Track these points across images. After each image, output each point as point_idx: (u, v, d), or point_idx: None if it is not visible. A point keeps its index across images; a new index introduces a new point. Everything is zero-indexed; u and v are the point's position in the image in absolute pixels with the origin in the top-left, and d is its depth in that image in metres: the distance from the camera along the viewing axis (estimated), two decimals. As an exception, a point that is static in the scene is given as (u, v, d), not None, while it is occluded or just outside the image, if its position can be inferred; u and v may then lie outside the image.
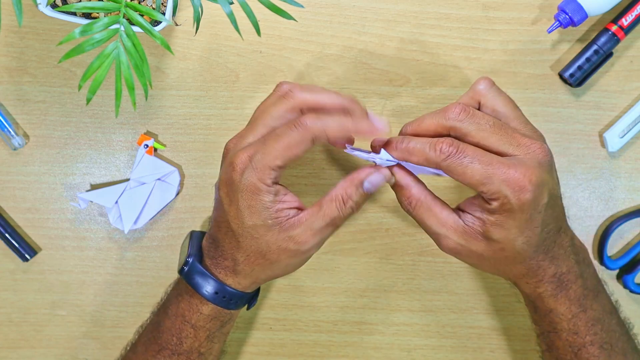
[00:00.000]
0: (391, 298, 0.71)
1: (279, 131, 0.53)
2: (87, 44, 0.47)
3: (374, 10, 0.69)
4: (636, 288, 0.69)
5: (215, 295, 0.57)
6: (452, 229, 0.54)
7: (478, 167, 0.51)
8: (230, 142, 0.58)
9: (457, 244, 0.55)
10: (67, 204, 0.70)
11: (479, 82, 0.56)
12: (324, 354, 0.71)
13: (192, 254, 0.58)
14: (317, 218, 0.54)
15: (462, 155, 0.51)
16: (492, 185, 0.51)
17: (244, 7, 0.48)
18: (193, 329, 0.59)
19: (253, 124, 0.57)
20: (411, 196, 0.55)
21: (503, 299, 0.71)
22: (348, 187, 0.55)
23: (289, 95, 0.56)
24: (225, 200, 0.55)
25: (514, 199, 0.51)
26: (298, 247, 0.55)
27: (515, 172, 0.51)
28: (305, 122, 0.52)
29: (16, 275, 0.70)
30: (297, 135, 0.52)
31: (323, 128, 0.52)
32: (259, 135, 0.55)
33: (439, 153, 0.52)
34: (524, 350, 0.71)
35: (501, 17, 0.69)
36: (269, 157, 0.52)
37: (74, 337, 0.71)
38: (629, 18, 0.67)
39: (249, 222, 0.54)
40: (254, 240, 0.55)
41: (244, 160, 0.53)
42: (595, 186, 0.70)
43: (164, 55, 0.69)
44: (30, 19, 0.69)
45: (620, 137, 0.69)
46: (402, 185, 0.56)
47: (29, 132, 0.70)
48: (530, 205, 0.51)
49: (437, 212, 0.55)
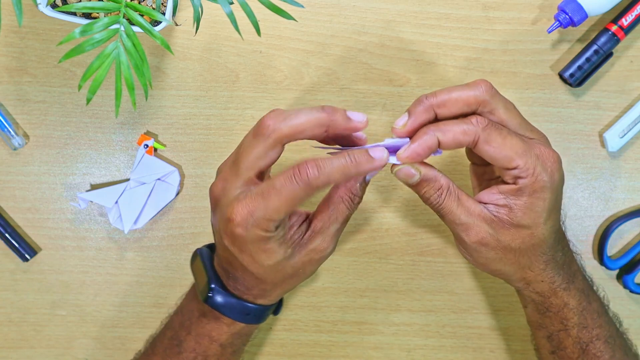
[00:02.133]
0: (391, 298, 0.71)
1: (278, 185, 0.49)
2: (87, 44, 0.47)
3: (374, 10, 0.69)
4: (636, 288, 0.69)
5: (246, 316, 0.57)
6: (481, 218, 0.53)
7: (516, 138, 0.51)
8: (216, 188, 0.53)
9: (487, 233, 0.53)
10: (67, 204, 0.70)
11: (478, 86, 0.52)
12: (324, 354, 0.71)
13: (212, 278, 0.56)
14: (331, 222, 0.54)
15: (499, 126, 0.51)
16: (530, 159, 0.50)
17: (244, 7, 0.48)
18: (221, 347, 0.58)
19: (236, 168, 0.52)
20: (442, 186, 0.53)
21: (503, 299, 0.71)
22: (352, 186, 0.54)
23: (265, 133, 0.50)
24: (233, 249, 0.52)
25: (547, 176, 0.51)
26: (321, 254, 0.55)
27: (547, 150, 0.52)
28: (306, 177, 0.49)
29: (16, 275, 0.70)
30: (299, 192, 0.49)
31: (327, 179, 0.49)
32: (246, 180, 0.51)
33: (477, 123, 0.50)
34: (524, 350, 0.71)
35: (501, 17, 0.69)
36: (271, 212, 0.49)
37: (74, 337, 0.71)
38: (629, 18, 0.67)
39: (268, 262, 0.52)
40: (278, 272, 0.54)
41: (244, 216, 0.50)
42: (595, 186, 0.70)
43: (164, 55, 0.69)
44: (30, 19, 0.69)
45: (620, 137, 0.69)
46: (431, 177, 0.53)
47: (29, 132, 0.70)
48: (558, 185, 0.52)
49: (464, 202, 0.53)
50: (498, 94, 0.53)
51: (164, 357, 0.60)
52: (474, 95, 0.52)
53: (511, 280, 0.58)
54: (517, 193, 0.51)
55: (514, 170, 0.51)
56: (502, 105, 0.52)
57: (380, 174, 0.70)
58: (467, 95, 0.52)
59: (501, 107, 0.52)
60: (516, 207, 0.52)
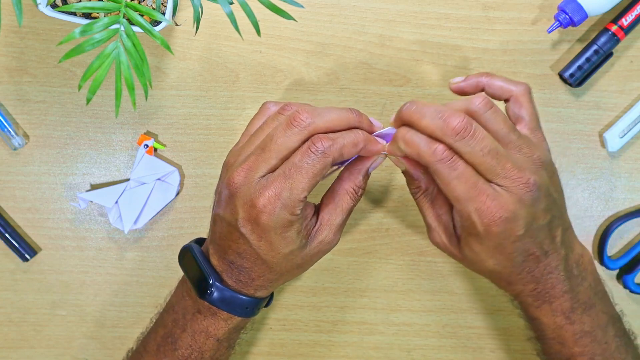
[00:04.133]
0: (391, 298, 0.71)
1: (297, 161, 0.51)
2: (87, 44, 0.47)
3: (374, 10, 0.69)
4: (636, 288, 0.69)
5: (245, 310, 0.58)
6: (442, 227, 0.57)
7: (462, 185, 0.50)
8: (237, 176, 0.53)
9: (441, 242, 0.57)
10: (67, 204, 0.70)
11: (475, 101, 0.52)
12: (324, 354, 0.71)
13: (209, 273, 0.56)
14: (337, 215, 0.56)
15: (452, 166, 0.50)
16: (466, 208, 0.51)
17: (244, 7, 0.48)
18: (217, 342, 0.59)
19: (264, 156, 0.53)
20: (419, 187, 0.57)
21: (503, 298, 0.71)
22: (356, 178, 0.56)
23: (300, 125, 0.52)
24: (252, 237, 0.53)
25: (480, 227, 0.51)
26: (328, 246, 0.57)
27: (491, 204, 0.50)
28: (321, 147, 0.51)
29: (16, 275, 0.70)
30: (318, 164, 0.51)
31: (339, 150, 0.52)
32: (272, 167, 0.52)
33: (434, 154, 0.51)
34: (524, 350, 0.71)
35: (501, 17, 0.69)
36: (296, 191, 0.51)
37: (74, 337, 0.71)
38: (629, 18, 0.67)
39: (284, 250, 0.54)
40: (290, 261, 0.55)
41: (272, 200, 0.51)
42: (595, 186, 0.70)
43: (164, 55, 0.69)
44: (30, 19, 0.69)
45: (620, 137, 0.69)
46: (413, 176, 0.56)
47: (29, 132, 0.70)
48: (497, 236, 0.52)
49: (437, 207, 0.57)
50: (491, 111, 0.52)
51: (157, 355, 0.60)
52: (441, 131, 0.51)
53: None
54: (461, 228, 0.54)
55: (455, 209, 0.54)
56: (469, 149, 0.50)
57: (381, 174, 0.70)
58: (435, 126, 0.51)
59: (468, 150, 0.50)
60: (461, 237, 0.55)
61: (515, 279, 0.56)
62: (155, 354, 0.60)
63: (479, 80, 0.57)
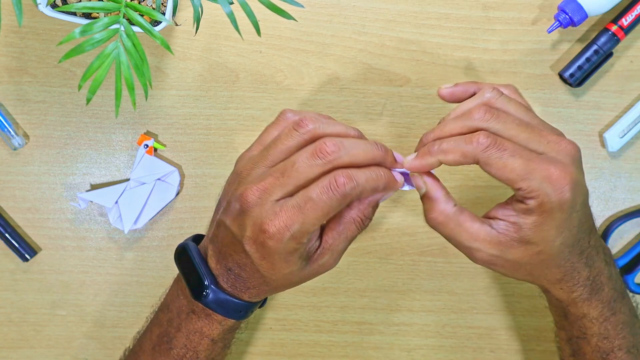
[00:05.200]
0: (391, 298, 0.71)
1: (315, 197, 0.49)
2: (87, 44, 0.47)
3: (374, 10, 0.69)
4: (636, 288, 0.69)
5: (239, 314, 0.57)
6: (485, 242, 0.52)
7: (519, 161, 0.49)
8: (251, 194, 0.51)
9: (492, 256, 0.53)
10: (67, 204, 0.70)
11: (485, 91, 0.53)
12: (324, 354, 0.71)
13: (205, 276, 0.56)
14: (341, 241, 0.54)
15: (501, 147, 0.49)
16: (533, 182, 0.49)
17: (244, 7, 0.48)
18: (212, 342, 0.58)
19: (283, 180, 0.51)
20: (440, 212, 0.53)
21: (503, 299, 0.71)
22: (365, 209, 0.54)
23: (325, 157, 0.50)
24: (255, 256, 0.52)
25: (555, 197, 0.49)
26: (326, 269, 0.55)
27: (555, 170, 0.49)
28: (343, 189, 0.49)
29: (16, 275, 0.70)
30: (335, 204, 0.49)
31: (359, 193, 0.50)
32: (287, 193, 0.51)
33: (477, 144, 0.50)
34: (524, 350, 0.71)
35: (501, 17, 0.69)
36: (308, 225, 0.50)
37: (74, 337, 0.71)
38: (629, 18, 0.67)
39: (284, 271, 0.53)
40: (287, 280, 0.54)
41: (281, 230, 0.50)
42: (595, 186, 0.70)
43: (164, 55, 0.69)
44: (30, 19, 0.69)
45: (620, 137, 0.69)
46: (432, 198, 0.53)
47: (29, 132, 0.70)
48: (569, 204, 0.50)
49: (467, 227, 0.52)
50: (502, 98, 0.53)
51: (152, 354, 0.60)
52: (467, 125, 0.52)
53: (532, 283, 0.58)
54: (527, 212, 0.51)
55: (519, 191, 0.50)
56: (502, 126, 0.51)
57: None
58: (461, 125, 0.52)
59: (501, 127, 0.51)
60: (525, 226, 0.51)
61: (572, 267, 0.54)
62: (151, 353, 0.60)
63: (468, 87, 0.56)
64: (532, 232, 0.51)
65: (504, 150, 0.49)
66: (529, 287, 0.70)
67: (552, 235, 0.51)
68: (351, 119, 0.70)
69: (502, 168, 0.49)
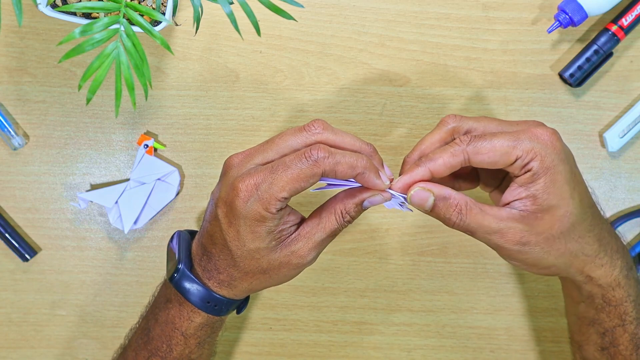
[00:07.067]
0: (391, 298, 0.71)
1: (288, 161, 0.51)
2: (87, 44, 0.47)
3: (374, 10, 0.69)
4: (636, 288, 0.69)
5: (207, 305, 0.57)
6: (511, 219, 0.52)
7: (504, 136, 0.51)
8: (235, 158, 0.55)
9: (523, 231, 0.52)
10: (67, 204, 0.70)
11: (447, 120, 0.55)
12: (324, 354, 0.71)
13: (182, 260, 0.57)
14: (317, 230, 0.54)
15: (482, 136, 0.52)
16: (525, 143, 0.51)
17: (244, 7, 0.48)
18: (183, 336, 0.58)
19: (265, 147, 0.54)
20: (458, 203, 0.53)
21: (503, 299, 0.71)
22: (348, 203, 0.54)
23: (311, 130, 0.53)
24: (223, 220, 0.53)
25: (550, 149, 0.51)
26: (299, 260, 0.55)
27: (536, 129, 0.52)
28: (315, 156, 0.51)
29: (16, 275, 0.70)
30: (306, 169, 0.51)
31: (333, 165, 0.51)
32: (268, 159, 0.53)
33: (460, 142, 0.52)
34: (524, 350, 0.71)
35: (501, 17, 0.69)
36: (276, 188, 0.51)
37: (74, 337, 0.71)
38: (629, 18, 0.67)
39: (250, 245, 0.53)
40: (255, 260, 0.54)
41: (250, 187, 0.51)
42: (595, 186, 0.70)
43: (164, 55, 0.69)
44: (30, 19, 0.69)
45: (620, 137, 0.69)
46: (445, 195, 0.53)
47: (29, 132, 0.70)
48: (566, 153, 0.52)
49: (488, 211, 0.52)
50: (464, 117, 0.56)
51: (135, 348, 0.61)
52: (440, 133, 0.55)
53: (571, 274, 0.56)
54: (534, 178, 0.51)
55: (517, 162, 0.51)
56: (472, 121, 0.55)
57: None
58: (437, 137, 0.55)
59: (472, 122, 0.55)
60: (538, 192, 0.51)
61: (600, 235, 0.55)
62: (134, 348, 0.61)
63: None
64: (548, 194, 0.51)
65: (485, 137, 0.52)
66: (529, 287, 0.70)
67: (568, 191, 0.52)
68: (351, 119, 0.70)
69: (492, 149, 0.51)
